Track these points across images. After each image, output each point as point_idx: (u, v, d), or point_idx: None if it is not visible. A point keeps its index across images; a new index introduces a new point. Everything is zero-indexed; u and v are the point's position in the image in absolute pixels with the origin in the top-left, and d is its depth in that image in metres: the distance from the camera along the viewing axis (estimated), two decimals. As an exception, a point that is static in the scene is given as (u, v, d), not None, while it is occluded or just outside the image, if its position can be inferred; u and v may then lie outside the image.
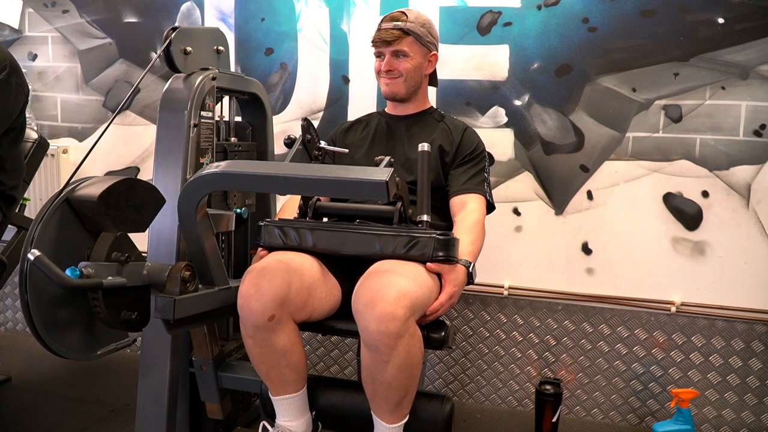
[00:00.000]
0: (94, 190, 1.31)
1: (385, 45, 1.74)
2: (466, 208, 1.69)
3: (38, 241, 1.28)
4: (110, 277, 1.29)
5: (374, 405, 1.38)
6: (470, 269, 1.51)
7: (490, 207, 1.77)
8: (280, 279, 1.36)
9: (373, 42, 1.78)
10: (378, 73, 1.81)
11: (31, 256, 1.18)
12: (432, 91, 2.16)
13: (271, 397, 1.47)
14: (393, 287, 1.28)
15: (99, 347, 1.44)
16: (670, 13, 2.06)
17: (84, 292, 1.29)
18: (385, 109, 1.93)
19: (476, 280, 1.56)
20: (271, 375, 1.43)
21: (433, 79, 1.89)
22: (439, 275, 1.46)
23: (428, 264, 1.42)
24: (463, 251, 1.53)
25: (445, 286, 1.45)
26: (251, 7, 2.46)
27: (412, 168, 1.73)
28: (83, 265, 1.26)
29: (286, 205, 1.87)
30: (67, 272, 1.22)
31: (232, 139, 1.93)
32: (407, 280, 1.31)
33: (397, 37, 1.73)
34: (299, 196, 1.66)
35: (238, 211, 1.89)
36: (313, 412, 1.50)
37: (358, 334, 1.31)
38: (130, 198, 1.35)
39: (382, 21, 1.79)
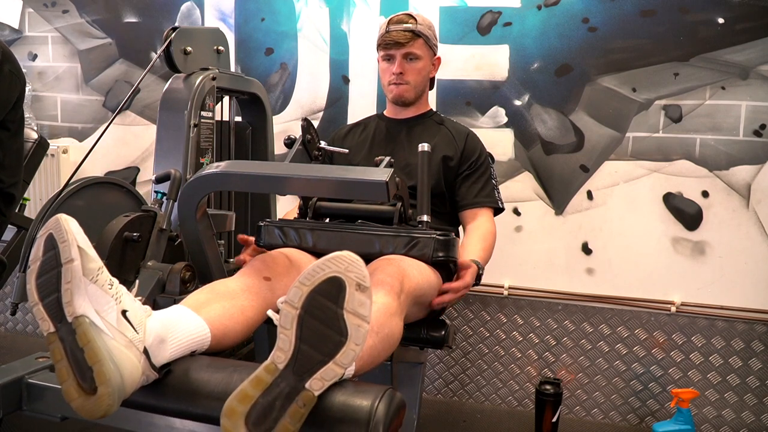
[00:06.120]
0: None
1: (397, 47, 1.74)
2: (477, 220, 1.73)
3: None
4: None
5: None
6: (480, 271, 1.54)
7: (498, 209, 1.79)
8: (281, 265, 1.31)
9: (383, 44, 1.76)
10: (387, 77, 1.79)
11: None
12: (431, 92, 2.16)
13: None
14: (397, 266, 1.27)
15: None
16: (670, 13, 2.06)
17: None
18: (384, 113, 1.92)
19: (476, 280, 1.57)
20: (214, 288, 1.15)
21: (431, 82, 1.89)
22: (447, 272, 1.46)
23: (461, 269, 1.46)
24: (475, 255, 1.58)
25: (464, 277, 1.46)
26: (251, 7, 2.46)
27: (412, 173, 1.72)
28: None
29: (288, 214, 1.85)
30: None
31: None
32: (411, 269, 1.32)
33: (410, 39, 1.73)
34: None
35: None
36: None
37: None
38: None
39: (388, 24, 1.77)
